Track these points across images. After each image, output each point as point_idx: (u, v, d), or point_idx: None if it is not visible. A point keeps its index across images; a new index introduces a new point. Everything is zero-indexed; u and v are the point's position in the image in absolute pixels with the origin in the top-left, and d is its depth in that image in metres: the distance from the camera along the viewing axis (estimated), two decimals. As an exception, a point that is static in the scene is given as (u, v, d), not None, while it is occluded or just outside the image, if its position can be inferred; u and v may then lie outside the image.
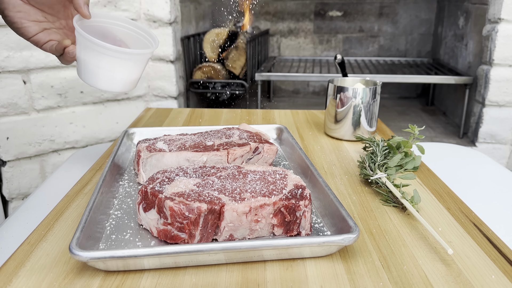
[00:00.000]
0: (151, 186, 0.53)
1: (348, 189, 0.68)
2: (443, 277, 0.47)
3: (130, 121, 1.59)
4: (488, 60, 1.64)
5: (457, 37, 2.11)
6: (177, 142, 0.71)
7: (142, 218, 0.53)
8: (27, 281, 0.45)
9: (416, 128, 0.77)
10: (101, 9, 1.49)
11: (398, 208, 0.62)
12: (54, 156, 1.49)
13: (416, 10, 2.52)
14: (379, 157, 0.72)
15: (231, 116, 1.10)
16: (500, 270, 0.48)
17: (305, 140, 0.92)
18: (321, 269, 0.48)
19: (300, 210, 0.52)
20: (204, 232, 0.50)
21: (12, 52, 1.32)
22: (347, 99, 0.88)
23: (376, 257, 0.50)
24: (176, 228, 0.49)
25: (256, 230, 0.52)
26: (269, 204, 0.51)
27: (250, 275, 0.47)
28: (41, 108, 1.42)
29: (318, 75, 1.99)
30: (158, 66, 1.66)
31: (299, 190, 0.53)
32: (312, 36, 2.62)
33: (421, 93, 2.63)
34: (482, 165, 0.92)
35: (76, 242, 0.45)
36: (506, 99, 1.63)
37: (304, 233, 0.53)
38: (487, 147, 1.71)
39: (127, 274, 0.47)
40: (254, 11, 2.56)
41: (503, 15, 1.55)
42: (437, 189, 0.69)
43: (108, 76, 0.65)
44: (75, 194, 0.65)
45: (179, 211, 0.48)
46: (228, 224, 0.50)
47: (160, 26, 1.61)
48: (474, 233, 0.55)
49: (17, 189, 1.42)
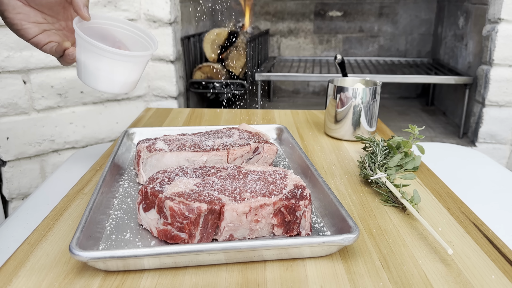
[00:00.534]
0: (151, 186, 0.53)
1: (348, 189, 0.68)
2: (443, 277, 0.47)
3: (130, 121, 1.59)
4: (488, 60, 1.64)
5: (457, 37, 2.11)
6: (177, 142, 0.71)
7: (142, 218, 0.53)
8: (27, 281, 0.45)
9: (416, 128, 0.77)
10: (101, 9, 1.49)
11: (398, 208, 0.62)
12: (54, 156, 1.49)
13: (416, 10, 2.52)
14: (379, 157, 0.72)
15: (231, 116, 1.10)
16: (500, 270, 0.48)
17: (305, 140, 0.92)
18: (321, 269, 0.48)
19: (300, 210, 0.52)
20: (204, 232, 0.50)
21: (12, 52, 1.32)
22: (347, 99, 0.88)
23: (376, 257, 0.50)
24: (176, 228, 0.49)
25: (256, 230, 0.52)
26: (269, 204, 0.51)
27: (250, 275, 0.47)
28: (41, 108, 1.42)
29: (318, 75, 1.99)
30: (158, 66, 1.66)
31: (299, 190, 0.53)
32: (312, 36, 2.62)
33: (421, 93, 2.63)
34: (482, 165, 0.92)
35: (76, 242, 0.45)
36: (506, 99, 1.63)
37: (304, 233, 0.53)
38: (487, 147, 1.71)
39: (127, 274, 0.47)
40: (254, 11, 2.56)
41: (503, 15, 1.55)
42: (437, 189, 0.69)
43: (108, 78, 0.65)
44: (75, 194, 0.65)
45: (179, 211, 0.48)
46: (228, 224, 0.50)
47: (160, 26, 1.61)
48: (474, 233, 0.55)
49: (17, 189, 1.42)
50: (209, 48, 2.06)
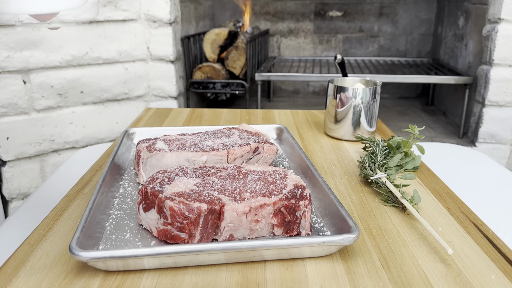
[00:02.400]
0: (151, 186, 0.53)
1: (348, 189, 0.68)
2: (443, 277, 0.47)
3: (130, 121, 1.59)
4: (488, 60, 1.64)
5: (457, 37, 2.11)
6: (177, 142, 0.71)
7: (142, 218, 0.53)
8: (27, 281, 0.45)
9: (416, 128, 0.77)
10: (101, 9, 1.49)
11: (398, 208, 0.62)
12: (54, 156, 1.49)
13: (416, 10, 2.52)
14: (379, 157, 0.72)
15: (231, 116, 1.10)
16: (500, 270, 0.48)
17: (305, 140, 0.92)
18: (321, 269, 0.48)
19: (300, 210, 0.52)
20: (204, 232, 0.50)
21: (12, 52, 1.32)
22: (347, 99, 0.88)
23: (376, 257, 0.50)
24: (176, 228, 0.49)
25: (256, 230, 0.52)
26: (269, 204, 0.51)
27: (250, 275, 0.47)
28: (41, 108, 1.42)
29: (318, 75, 1.99)
30: (158, 66, 1.66)
31: (299, 190, 0.53)
32: (312, 36, 2.62)
33: (421, 93, 2.63)
34: (482, 165, 0.92)
35: (76, 242, 0.45)
36: (506, 99, 1.63)
37: (304, 233, 0.53)
38: (487, 147, 1.71)
39: (127, 274, 0.47)
40: (254, 11, 2.56)
41: (503, 15, 1.55)
42: (437, 189, 0.69)
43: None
44: (75, 194, 0.65)
45: (179, 211, 0.48)
46: (228, 224, 0.50)
47: (160, 26, 1.61)
48: (474, 233, 0.55)
49: (17, 189, 1.42)
50: (209, 48, 2.06)
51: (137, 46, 1.59)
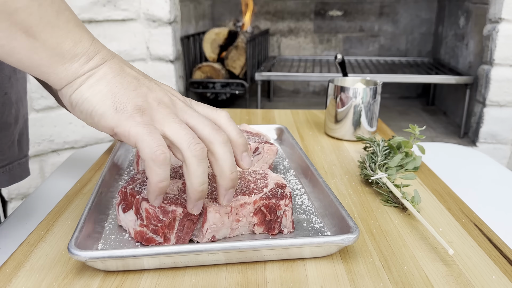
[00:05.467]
0: (130, 187, 0.52)
1: (349, 189, 0.68)
2: (444, 278, 0.46)
3: (130, 121, 1.59)
4: (488, 60, 1.64)
5: (457, 37, 2.11)
6: (177, 142, 0.70)
7: (122, 219, 0.52)
8: (26, 281, 0.45)
9: (416, 128, 0.77)
10: (101, 8, 1.48)
11: (398, 208, 0.62)
12: (53, 156, 1.48)
13: (416, 10, 2.51)
14: (380, 157, 0.72)
15: (231, 116, 1.09)
16: (501, 270, 0.48)
17: (305, 140, 0.92)
18: (321, 269, 0.48)
19: (281, 210, 0.51)
20: (180, 235, 0.49)
21: (11, 51, 1.31)
22: (348, 99, 0.88)
23: (376, 257, 0.50)
24: (151, 230, 0.48)
25: (236, 229, 0.51)
26: (249, 203, 0.50)
27: (250, 275, 0.47)
28: (40, 108, 1.41)
29: (318, 75, 1.99)
30: (157, 66, 1.66)
31: (279, 189, 0.53)
32: (312, 36, 2.62)
33: (422, 93, 2.63)
34: (482, 165, 0.91)
35: (74, 241, 0.45)
36: (506, 99, 1.63)
37: (287, 231, 0.53)
38: (488, 147, 1.71)
39: (126, 275, 0.46)
40: (254, 10, 2.56)
41: (503, 15, 1.55)
42: (437, 189, 0.68)
43: None
44: (75, 194, 0.65)
45: (154, 213, 0.47)
46: (211, 226, 0.49)
47: (160, 26, 1.61)
48: (474, 234, 0.55)
49: (17, 189, 1.42)
50: (209, 48, 2.06)
51: (137, 45, 1.59)
